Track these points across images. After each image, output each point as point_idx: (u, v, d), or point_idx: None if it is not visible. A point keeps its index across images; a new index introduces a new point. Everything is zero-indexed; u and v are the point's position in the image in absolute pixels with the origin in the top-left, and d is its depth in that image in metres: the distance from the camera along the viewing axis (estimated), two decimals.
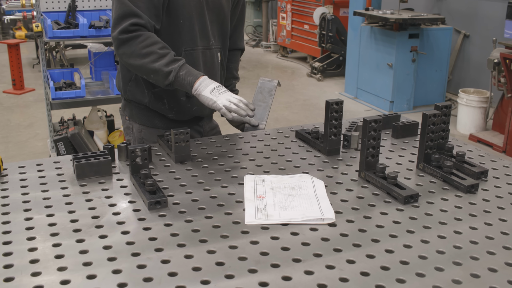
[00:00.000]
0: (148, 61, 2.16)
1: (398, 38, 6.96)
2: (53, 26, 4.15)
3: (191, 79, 2.15)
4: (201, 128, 2.59)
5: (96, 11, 4.57)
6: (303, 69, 9.70)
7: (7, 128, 6.61)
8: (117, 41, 2.20)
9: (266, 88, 2.62)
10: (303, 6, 9.70)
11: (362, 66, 7.73)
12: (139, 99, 2.44)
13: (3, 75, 9.15)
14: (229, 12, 2.53)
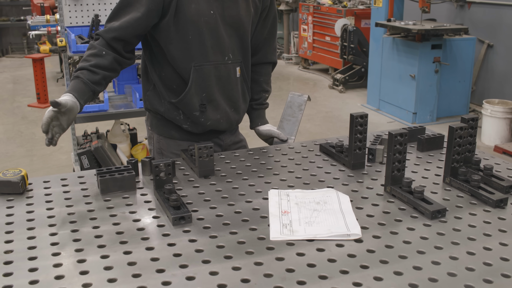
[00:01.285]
0: (78, 66, 2.28)
1: (420, 49, 6.91)
2: (76, 41, 4.20)
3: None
4: (221, 141, 2.57)
5: None
6: (325, 81, 9.68)
7: (31, 142, 6.69)
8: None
9: (296, 102, 2.61)
10: (324, 18, 9.70)
11: (384, 78, 7.69)
12: (156, 108, 2.47)
13: (27, 89, 9.29)
14: (249, 26, 2.50)
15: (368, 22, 8.86)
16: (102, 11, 4.54)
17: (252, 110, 2.70)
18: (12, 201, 1.85)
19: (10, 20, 12.44)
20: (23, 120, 7.59)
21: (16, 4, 12.58)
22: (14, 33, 12.83)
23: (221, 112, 2.47)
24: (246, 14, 2.47)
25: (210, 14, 2.35)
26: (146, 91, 2.51)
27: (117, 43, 2.26)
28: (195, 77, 2.35)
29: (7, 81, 10.02)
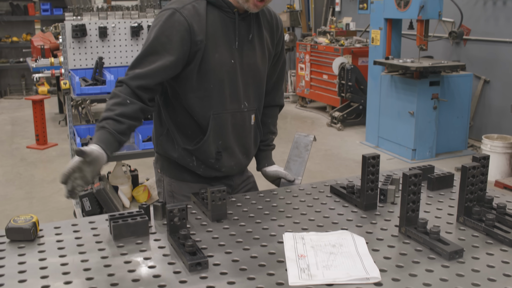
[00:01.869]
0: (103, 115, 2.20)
1: (419, 86, 6.97)
2: (80, 83, 4.22)
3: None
4: (231, 181, 2.56)
5: (122, 67, 4.65)
6: (323, 119, 9.73)
7: (31, 184, 6.65)
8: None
9: (302, 143, 2.62)
10: (321, 57, 9.79)
11: (383, 115, 7.73)
12: (169, 153, 2.45)
13: (26, 130, 9.28)
14: (265, 73, 2.54)
15: (365, 60, 8.95)
16: (106, 53, 4.58)
17: (259, 152, 2.70)
18: (24, 248, 1.82)
19: (9, 62, 12.52)
20: (22, 162, 7.56)
21: (16, 46, 12.68)
22: (12, 75, 12.90)
23: (234, 159, 2.48)
24: (262, 62, 2.50)
25: (231, 63, 2.37)
26: (159, 136, 2.49)
27: (142, 92, 2.22)
28: (213, 125, 2.34)
29: (6, 123, 10.02)
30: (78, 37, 4.44)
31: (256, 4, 2.32)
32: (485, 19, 7.83)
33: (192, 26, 2.27)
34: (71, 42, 4.48)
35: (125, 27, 4.63)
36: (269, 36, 2.56)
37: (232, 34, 2.38)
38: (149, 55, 2.25)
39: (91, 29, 4.53)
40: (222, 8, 2.37)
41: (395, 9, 7.25)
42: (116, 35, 4.60)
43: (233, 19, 2.38)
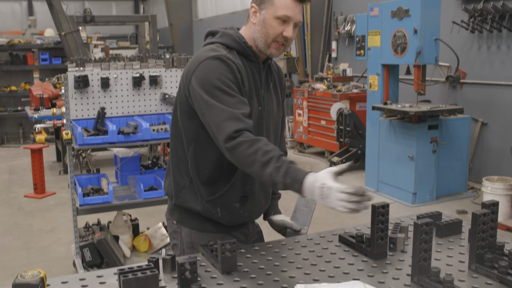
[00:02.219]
0: (253, 171, 2.13)
1: (418, 130, 7.01)
2: (83, 134, 4.23)
3: (297, 187, 2.04)
4: (247, 230, 2.58)
5: (124, 117, 4.67)
6: (322, 164, 9.73)
7: (29, 234, 6.58)
8: (224, 150, 2.20)
9: None
10: (319, 103, 9.87)
11: (382, 159, 7.74)
12: (192, 206, 2.44)
13: (24, 179, 9.24)
14: (280, 122, 2.62)
15: (362, 105, 9.03)
16: (108, 103, 4.61)
17: None
18: None
19: (7, 111, 12.59)
20: (20, 211, 7.50)
21: (14, 95, 12.77)
22: (10, 124, 12.95)
23: (257, 203, 2.51)
24: (278, 109, 2.60)
25: (259, 110, 2.45)
26: (181, 189, 2.46)
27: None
28: (241, 170, 2.36)
29: (3, 171, 9.99)
30: (81, 87, 4.48)
31: (278, 48, 2.43)
32: (480, 63, 7.94)
33: (241, 71, 2.37)
34: (74, 92, 4.51)
35: (127, 77, 4.67)
36: (278, 85, 2.67)
37: (258, 82, 2.47)
38: (222, 94, 2.24)
39: (93, 80, 4.57)
40: (249, 58, 2.46)
41: (392, 55, 7.36)
42: (118, 85, 4.64)
43: (258, 68, 2.48)
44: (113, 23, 13.62)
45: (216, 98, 2.24)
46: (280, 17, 2.38)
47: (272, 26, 2.40)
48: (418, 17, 6.86)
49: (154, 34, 12.29)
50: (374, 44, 7.72)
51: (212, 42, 2.47)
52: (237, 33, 2.50)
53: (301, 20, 2.45)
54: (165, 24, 21.08)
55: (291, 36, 2.41)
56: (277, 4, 2.39)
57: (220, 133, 2.19)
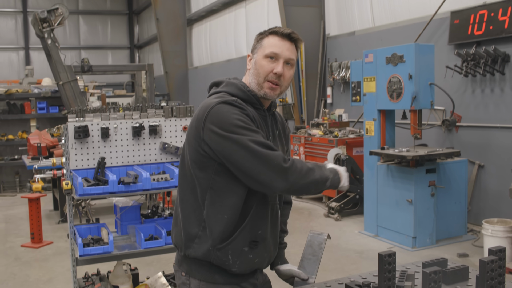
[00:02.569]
0: (310, 177, 2.37)
1: (415, 174, 7.03)
2: (83, 184, 4.22)
3: (337, 178, 2.48)
4: (256, 280, 2.56)
5: (123, 166, 4.67)
6: (320, 210, 9.70)
7: (26, 284, 6.49)
8: (285, 169, 2.31)
9: (316, 241, 2.62)
10: (316, 148, 9.92)
11: (381, 204, 7.73)
12: (202, 256, 2.43)
13: (20, 228, 9.16)
14: None
15: (359, 150, 9.07)
16: (108, 153, 4.62)
17: None
18: None
19: (4, 160, 12.58)
20: (16, 262, 7.41)
21: (11, 144, 12.78)
22: (7, 172, 12.91)
23: (268, 250, 2.52)
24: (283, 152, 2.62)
25: None
26: (193, 238, 2.45)
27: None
28: (253, 214, 2.42)
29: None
30: (81, 138, 4.50)
31: (271, 88, 2.48)
32: (475, 106, 8.03)
33: (252, 116, 2.43)
34: (74, 142, 4.52)
35: (127, 127, 4.70)
36: (282, 133, 2.72)
37: (265, 129, 2.52)
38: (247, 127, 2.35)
39: (93, 130, 4.59)
40: (254, 105, 2.51)
41: (388, 101, 7.44)
42: (118, 136, 4.66)
43: (264, 116, 2.54)
44: (111, 72, 13.78)
45: (242, 135, 2.31)
46: (268, 55, 2.47)
47: (262, 65, 2.48)
48: (413, 63, 6.97)
49: (151, 83, 12.41)
50: (369, 90, 7.81)
51: (217, 91, 2.52)
52: (241, 82, 2.56)
53: (293, 57, 2.51)
54: (161, 72, 21.34)
55: (281, 71, 2.46)
56: (265, 45, 2.50)
57: (272, 160, 2.29)
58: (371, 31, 10.45)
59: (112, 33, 28.06)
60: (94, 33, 27.52)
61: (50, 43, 10.80)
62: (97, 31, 27.63)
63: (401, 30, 9.53)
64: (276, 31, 2.52)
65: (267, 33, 2.54)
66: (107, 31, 27.98)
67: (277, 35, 2.51)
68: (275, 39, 2.49)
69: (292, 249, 2.61)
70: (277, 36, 2.50)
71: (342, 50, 11.28)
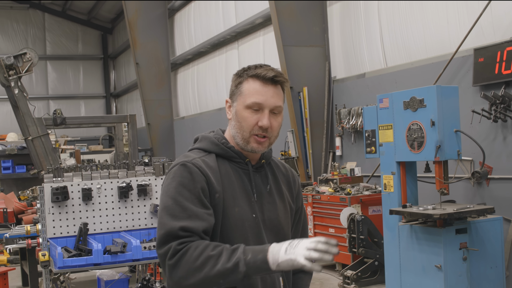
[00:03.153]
0: (209, 269, 2.18)
1: (444, 236, 6.98)
2: (63, 254, 4.19)
3: (261, 256, 2.18)
4: None
5: (109, 233, 4.66)
6: (333, 280, 9.61)
7: None
8: (168, 267, 2.25)
9: None
10: (326, 208, 9.89)
11: (404, 271, 7.66)
12: None
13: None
14: (289, 231, 2.58)
15: (376, 208, 9.05)
16: (91, 218, 4.60)
17: None
18: None
19: None
20: None
21: None
22: None
23: None
24: (285, 217, 2.58)
25: (252, 218, 2.45)
26: None
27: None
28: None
29: None
30: (59, 201, 4.49)
31: (259, 142, 2.45)
32: (507, 155, 8.07)
33: (209, 177, 2.39)
34: (51, 207, 4.51)
35: (112, 187, 4.71)
36: (287, 189, 2.66)
37: (248, 186, 2.48)
38: (178, 211, 2.33)
39: (73, 191, 4.59)
40: (233, 159, 2.50)
41: (408, 151, 7.46)
42: (102, 197, 4.67)
43: (246, 170, 2.51)
44: (87, 125, 13.83)
45: (168, 210, 2.33)
46: (250, 106, 2.43)
47: (244, 117, 2.44)
48: (435, 108, 7.02)
49: (133, 136, 12.47)
50: (386, 140, 7.85)
51: (191, 148, 2.58)
52: (217, 134, 2.57)
53: (279, 104, 2.45)
54: (142, 124, 21.43)
55: (268, 124, 2.42)
56: (245, 92, 2.45)
57: (159, 253, 2.32)
58: (383, 72, 10.59)
59: (85, 80, 28.33)
60: (65, 81, 27.77)
61: (17, 93, 10.90)
62: (68, 78, 27.90)
63: (417, 71, 9.67)
64: (257, 74, 2.44)
65: (245, 75, 2.47)
66: (79, 78, 28.26)
67: (258, 79, 2.44)
68: (256, 84, 2.43)
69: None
70: (258, 80, 2.44)
71: (351, 95, 11.39)
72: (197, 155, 2.46)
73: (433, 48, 9.50)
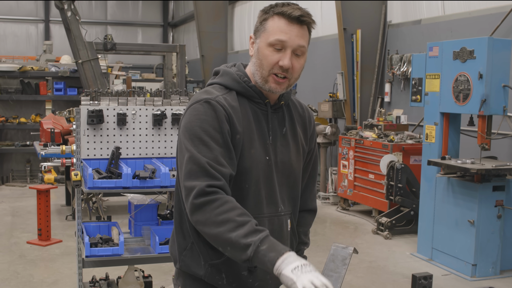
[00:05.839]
0: (224, 230, 2.17)
1: (480, 191, 6.95)
2: (93, 175, 4.34)
3: (273, 255, 2.11)
4: None
5: (141, 159, 4.77)
6: (368, 225, 9.68)
7: (28, 285, 6.69)
8: (191, 206, 2.25)
9: (339, 256, 2.62)
10: (368, 153, 9.88)
11: (437, 223, 7.67)
12: (194, 271, 2.46)
13: (28, 223, 9.40)
14: (300, 174, 2.60)
15: (418, 158, 9.00)
16: (124, 143, 4.72)
17: None
18: None
19: (14, 145, 12.86)
20: (21, 259, 7.64)
21: (23, 128, 13.06)
22: (17, 159, 13.22)
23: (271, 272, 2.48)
24: (297, 159, 2.58)
25: (266, 160, 2.45)
26: (182, 251, 2.50)
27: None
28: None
29: (5, 213, 10.20)
30: (94, 123, 4.61)
31: (278, 82, 2.42)
32: None
33: (232, 116, 2.38)
34: (86, 129, 4.64)
35: (147, 114, 4.79)
36: (302, 131, 2.65)
37: (265, 128, 2.47)
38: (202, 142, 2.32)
39: (108, 116, 4.70)
40: (253, 99, 2.48)
41: (453, 103, 7.36)
42: (136, 123, 4.76)
43: (265, 111, 2.49)
44: (137, 52, 13.91)
45: (194, 147, 2.31)
46: (272, 44, 2.39)
47: (265, 55, 2.40)
48: (485, 60, 6.88)
49: (182, 67, 12.54)
50: (432, 89, 7.75)
51: (212, 83, 2.55)
52: (239, 71, 2.53)
53: (303, 45, 2.41)
54: (197, 56, 21.50)
55: (289, 64, 2.38)
56: (269, 29, 2.40)
57: (186, 188, 2.29)
58: (439, 20, 10.33)
59: (144, 8, 28.35)
60: (123, 7, 27.83)
61: (70, 16, 11.03)
62: (127, 5, 27.94)
63: (475, 21, 9.39)
64: (282, 11, 2.39)
65: (271, 12, 2.42)
66: (138, 5, 28.28)
67: (284, 17, 2.39)
68: (281, 22, 2.38)
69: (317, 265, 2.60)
70: (284, 18, 2.39)
71: (405, 41, 11.18)
72: (219, 92, 2.45)
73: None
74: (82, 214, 4.93)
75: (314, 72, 13.81)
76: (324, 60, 13.53)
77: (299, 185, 2.62)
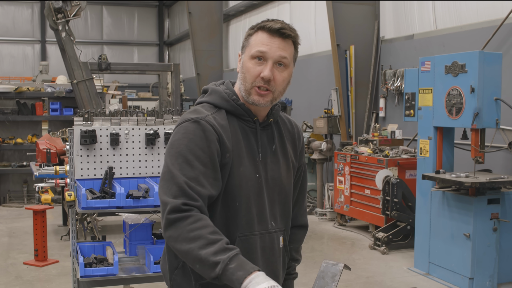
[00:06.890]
0: (195, 247, 2.19)
1: (475, 204, 6.96)
2: (87, 196, 4.35)
3: (241, 274, 2.11)
4: None
5: (134, 178, 4.79)
6: (365, 240, 9.67)
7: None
8: (166, 221, 2.27)
9: (329, 272, 2.62)
10: (363, 169, 9.89)
11: (434, 237, 7.67)
12: None
13: (24, 244, 9.38)
14: (291, 190, 2.61)
15: (413, 173, 9.01)
16: (117, 163, 4.74)
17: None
18: None
19: (11, 166, 12.89)
20: (17, 280, 7.61)
21: (20, 149, 13.09)
22: (14, 180, 13.22)
23: None
24: (287, 176, 2.59)
25: (256, 178, 2.46)
26: (174, 270, 2.50)
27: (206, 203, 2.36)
28: (239, 249, 2.32)
29: (2, 234, 10.18)
30: (87, 144, 4.63)
31: (260, 94, 2.43)
32: None
33: (222, 136, 2.40)
34: (79, 149, 4.66)
35: (140, 134, 4.81)
36: (291, 147, 2.66)
37: (254, 145, 2.49)
38: (187, 162, 2.33)
39: (101, 136, 4.72)
40: (242, 117, 2.50)
41: (446, 117, 7.39)
42: (129, 143, 4.78)
43: (254, 128, 2.51)
44: (132, 71, 13.98)
45: (177, 165, 2.33)
46: (254, 56, 2.42)
47: (248, 68, 2.44)
48: (476, 74, 6.92)
49: (176, 85, 12.59)
50: (425, 103, 7.79)
51: (201, 101, 2.56)
52: (227, 89, 2.55)
53: (284, 56, 2.43)
54: (192, 74, 21.55)
55: (269, 75, 2.40)
56: (252, 43, 2.45)
57: (163, 202, 2.31)
58: (432, 35, 10.39)
59: (140, 27, 28.47)
60: (119, 27, 27.96)
61: (64, 37, 11.08)
62: (123, 25, 28.07)
63: (466, 35, 9.46)
64: (264, 25, 2.44)
65: (255, 28, 2.48)
66: (134, 24, 28.42)
67: (265, 30, 2.44)
68: (263, 35, 2.43)
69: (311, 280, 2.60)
70: (265, 31, 2.44)
71: (398, 56, 11.24)
72: (209, 112, 2.46)
73: (485, 12, 9.23)
74: (77, 234, 4.93)
75: (309, 88, 13.87)
76: (319, 76, 13.60)
77: (291, 201, 2.63)
